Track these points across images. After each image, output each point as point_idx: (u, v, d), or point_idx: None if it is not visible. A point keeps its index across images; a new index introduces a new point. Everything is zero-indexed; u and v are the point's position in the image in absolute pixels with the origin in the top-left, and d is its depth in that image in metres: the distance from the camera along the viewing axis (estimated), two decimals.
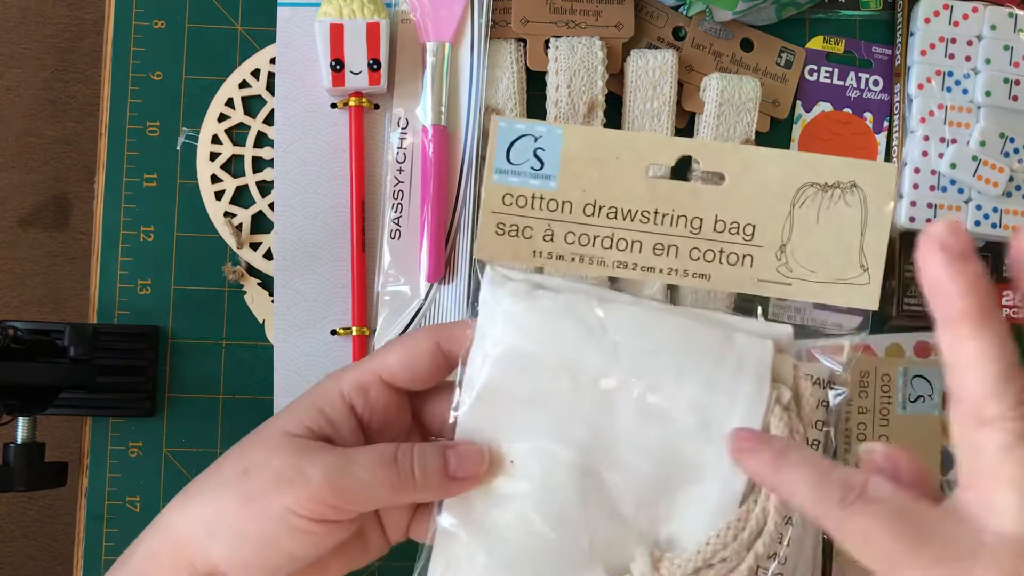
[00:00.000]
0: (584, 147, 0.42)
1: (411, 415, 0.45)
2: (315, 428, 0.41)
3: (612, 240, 0.43)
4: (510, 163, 0.42)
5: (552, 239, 0.43)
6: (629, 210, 0.42)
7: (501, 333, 0.42)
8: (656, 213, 0.42)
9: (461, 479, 0.40)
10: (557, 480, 0.41)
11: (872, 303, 0.42)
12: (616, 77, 0.61)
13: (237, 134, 0.62)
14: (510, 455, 0.42)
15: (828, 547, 0.59)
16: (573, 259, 0.43)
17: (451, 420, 0.42)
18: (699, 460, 0.41)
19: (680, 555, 0.41)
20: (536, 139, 0.42)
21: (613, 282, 0.57)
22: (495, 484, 0.41)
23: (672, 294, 0.60)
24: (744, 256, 0.42)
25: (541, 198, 0.42)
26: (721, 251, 0.42)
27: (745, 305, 0.45)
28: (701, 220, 0.42)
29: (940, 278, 0.32)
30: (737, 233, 0.42)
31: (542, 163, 0.42)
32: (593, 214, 0.42)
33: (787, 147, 0.63)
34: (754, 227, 0.42)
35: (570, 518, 0.41)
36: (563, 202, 0.42)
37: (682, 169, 0.61)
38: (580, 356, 0.41)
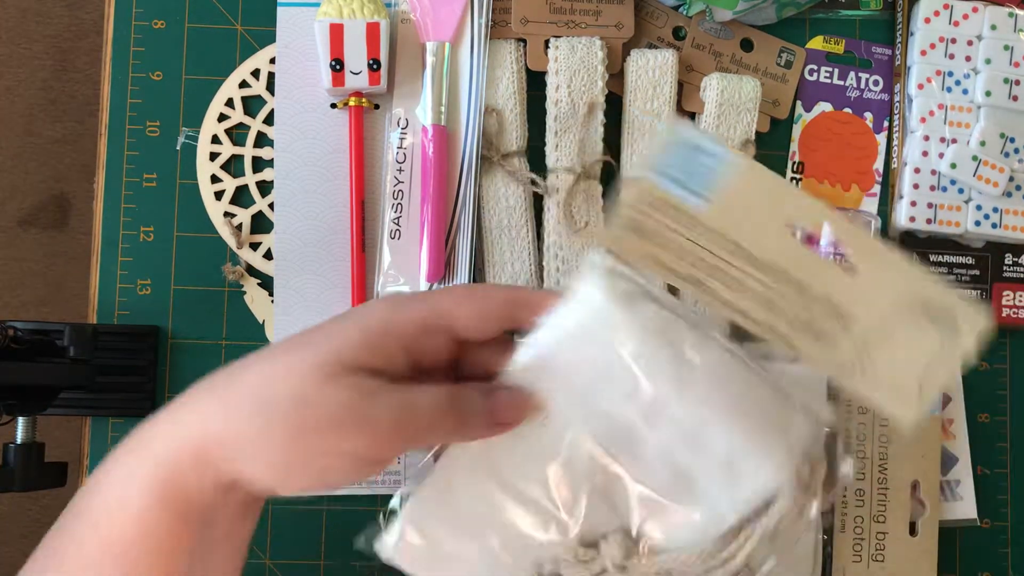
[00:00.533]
0: (747, 182, 0.42)
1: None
2: (371, 362, 0.40)
3: (735, 281, 0.43)
4: (669, 169, 0.42)
5: (679, 256, 0.42)
6: (761, 259, 0.42)
7: (591, 322, 0.42)
8: (784, 273, 0.42)
9: (503, 424, 0.41)
10: (578, 454, 0.43)
11: (908, 420, 0.42)
12: (616, 77, 0.61)
13: (237, 134, 0.62)
14: (544, 419, 0.43)
15: (827, 547, 0.59)
16: (689, 281, 0.43)
17: (501, 372, 0.43)
18: (706, 489, 0.43)
19: (649, 557, 0.43)
20: (707, 156, 0.41)
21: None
22: (521, 432, 0.43)
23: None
24: (832, 339, 0.42)
25: (687, 214, 0.42)
26: (816, 328, 0.43)
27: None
28: (814, 295, 0.42)
29: None
30: (838, 320, 0.42)
31: (703, 182, 0.41)
32: (730, 251, 0.42)
33: (787, 147, 0.63)
34: (856, 322, 0.42)
35: (574, 487, 0.43)
36: (708, 227, 0.42)
37: None
38: (653, 375, 0.42)
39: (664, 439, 0.43)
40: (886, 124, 0.64)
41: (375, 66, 0.58)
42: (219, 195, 0.61)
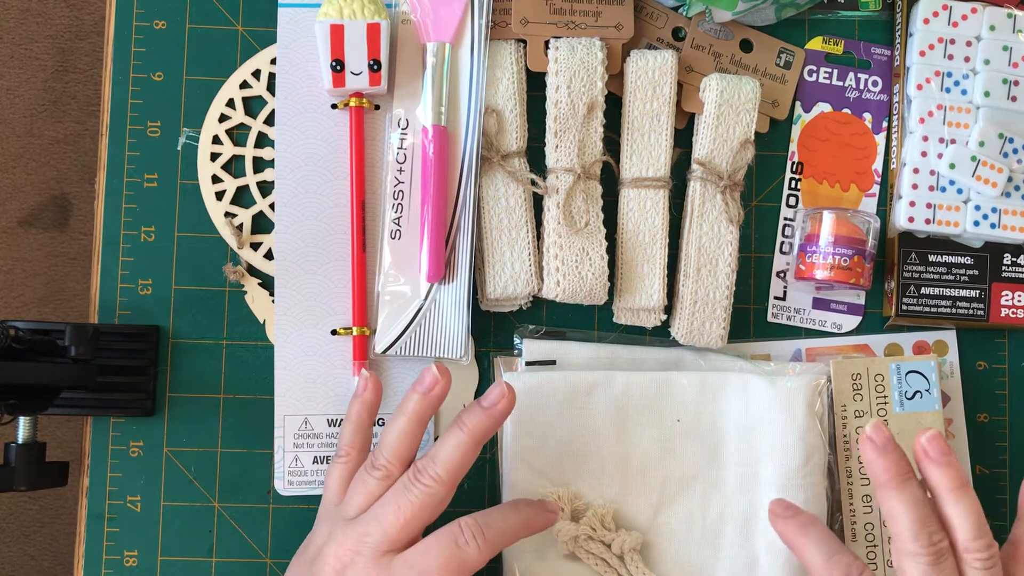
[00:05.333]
0: None
1: None
2: None
3: None
4: None
5: None
6: None
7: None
8: None
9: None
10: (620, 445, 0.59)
11: None
12: (616, 77, 0.61)
13: (238, 134, 0.62)
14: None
15: None
16: None
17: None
18: (719, 477, 0.59)
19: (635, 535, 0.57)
20: None
21: None
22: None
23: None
24: None
25: None
26: None
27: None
28: None
29: (872, 459, 0.48)
30: None
31: None
32: None
33: (786, 148, 0.64)
34: None
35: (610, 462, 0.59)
36: None
37: (680, 170, 0.61)
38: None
39: (691, 444, 0.61)
40: (885, 124, 0.64)
41: (375, 67, 0.58)
42: (220, 195, 0.61)
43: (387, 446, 0.51)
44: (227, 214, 0.61)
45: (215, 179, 0.62)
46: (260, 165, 0.62)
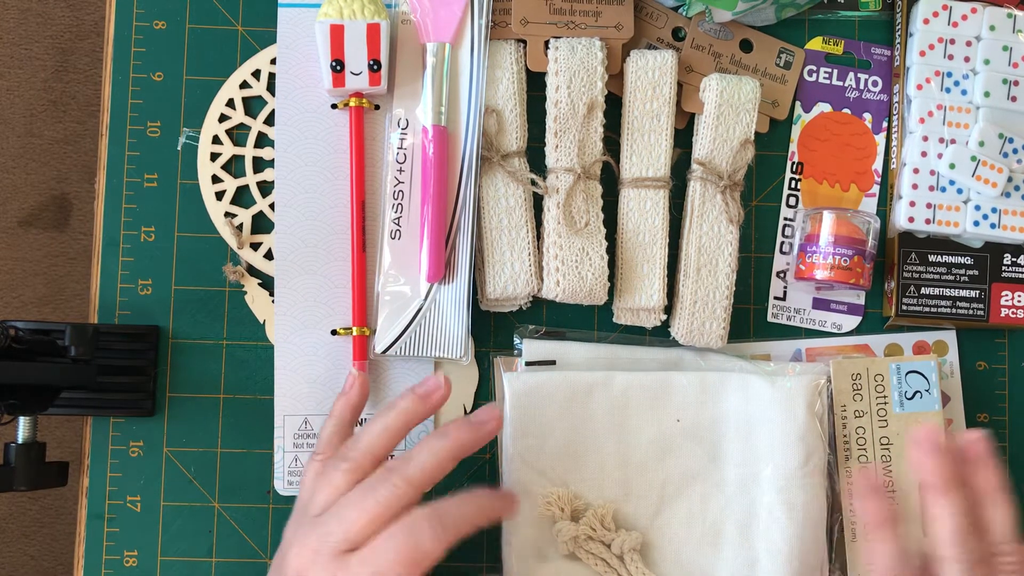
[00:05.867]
0: None
1: None
2: None
3: None
4: None
5: None
6: None
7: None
8: None
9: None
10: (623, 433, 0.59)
11: None
12: (616, 78, 0.61)
13: (238, 134, 0.62)
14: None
15: (830, 538, 0.59)
16: None
17: None
18: (717, 478, 0.59)
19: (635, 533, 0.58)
20: None
21: None
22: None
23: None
24: None
25: None
26: None
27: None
28: None
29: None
30: None
31: None
32: None
33: (786, 148, 0.64)
34: None
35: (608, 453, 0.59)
36: None
37: (680, 170, 0.61)
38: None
39: (688, 441, 0.61)
40: (885, 124, 0.64)
41: (375, 67, 0.58)
42: (220, 195, 0.61)
43: (363, 441, 0.50)
44: (227, 214, 0.61)
45: (215, 179, 0.62)
46: (260, 165, 0.62)
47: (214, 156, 0.62)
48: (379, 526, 0.47)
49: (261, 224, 0.62)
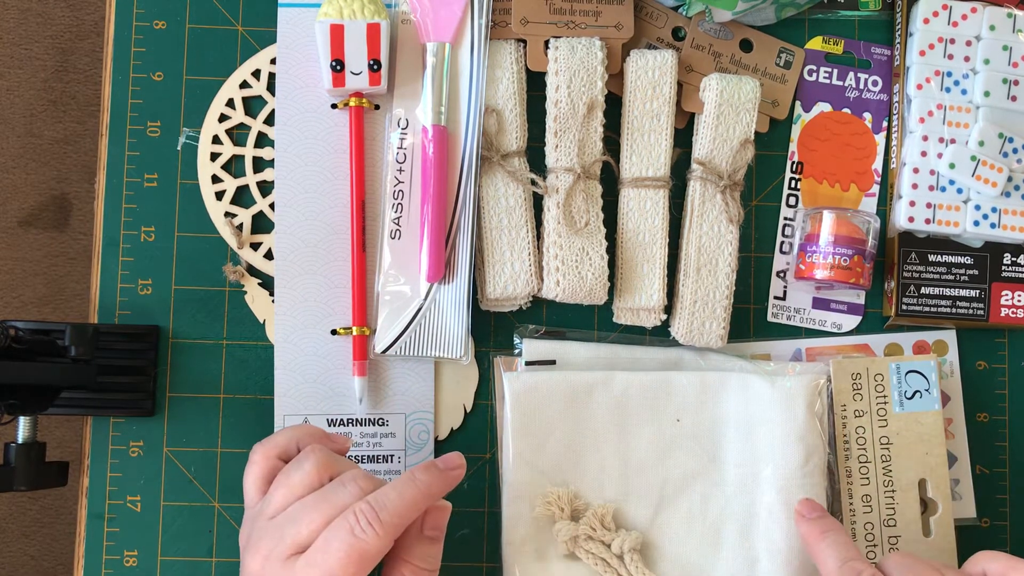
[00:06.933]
0: None
1: None
2: None
3: None
4: None
5: None
6: None
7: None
8: None
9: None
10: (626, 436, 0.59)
11: None
12: (616, 77, 0.61)
13: (238, 134, 0.62)
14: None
15: None
16: None
17: None
18: (718, 478, 0.59)
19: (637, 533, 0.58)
20: None
21: None
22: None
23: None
24: None
25: None
26: None
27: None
28: None
29: (800, 523, 0.56)
30: None
31: None
32: None
33: (786, 147, 0.64)
34: None
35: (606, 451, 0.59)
36: None
37: (680, 169, 0.62)
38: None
39: (688, 440, 0.61)
40: (885, 124, 0.64)
41: (375, 67, 0.58)
42: (220, 195, 0.61)
43: (349, 467, 0.49)
44: (227, 214, 0.61)
45: (215, 179, 0.62)
46: (260, 165, 0.62)
47: (214, 156, 0.62)
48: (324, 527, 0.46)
49: (261, 224, 0.62)
